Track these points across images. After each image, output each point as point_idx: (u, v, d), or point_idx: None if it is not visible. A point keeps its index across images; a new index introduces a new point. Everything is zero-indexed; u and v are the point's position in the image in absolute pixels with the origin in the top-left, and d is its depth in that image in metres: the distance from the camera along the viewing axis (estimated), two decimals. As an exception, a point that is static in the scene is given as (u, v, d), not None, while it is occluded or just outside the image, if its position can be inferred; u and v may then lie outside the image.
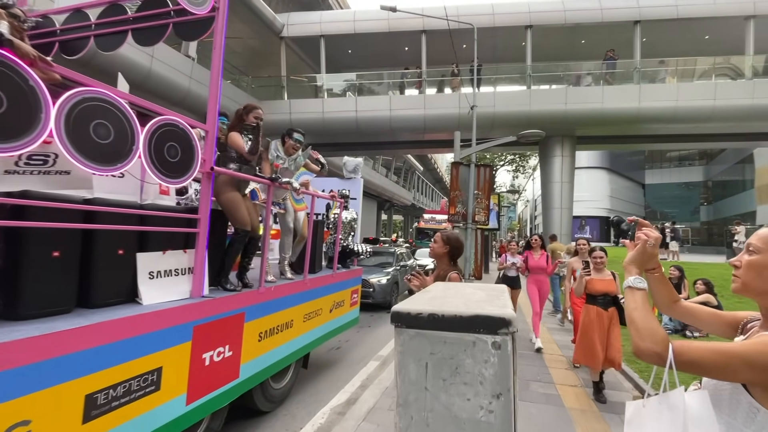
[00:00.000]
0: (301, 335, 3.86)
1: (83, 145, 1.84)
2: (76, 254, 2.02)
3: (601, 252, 4.23)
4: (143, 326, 2.07)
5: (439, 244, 2.64)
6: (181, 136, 2.38)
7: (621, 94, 13.14)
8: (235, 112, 3.14)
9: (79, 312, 2.02)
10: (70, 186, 2.10)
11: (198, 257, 2.57)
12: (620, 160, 41.45)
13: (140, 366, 2.05)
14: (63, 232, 1.94)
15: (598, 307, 3.99)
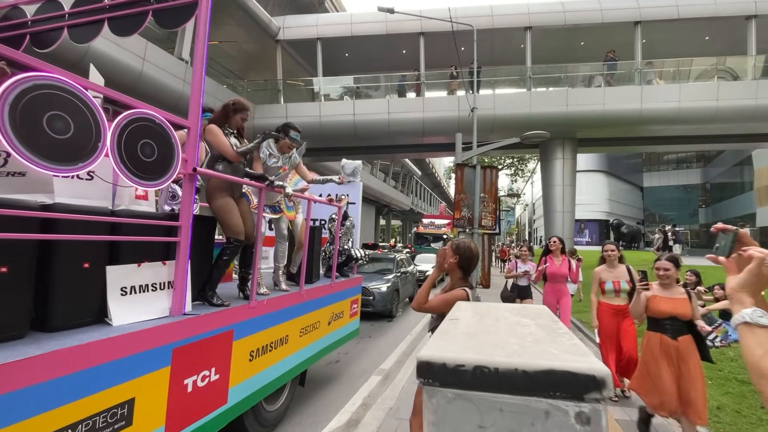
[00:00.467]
0: (298, 351, 3.55)
1: (34, 141, 1.55)
2: (29, 269, 1.72)
3: (669, 264, 3.10)
4: (111, 352, 1.78)
5: (448, 254, 2.35)
6: (158, 132, 2.09)
7: (623, 96, 12.96)
8: (222, 106, 2.87)
9: (33, 337, 1.72)
10: (25, 190, 1.81)
11: (179, 269, 2.27)
12: (618, 163, 41.45)
13: (107, 399, 1.75)
14: (14, 244, 1.64)
15: (664, 334, 3.02)
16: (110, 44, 8.96)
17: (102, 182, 2.14)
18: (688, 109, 12.55)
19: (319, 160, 16.92)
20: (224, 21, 14.06)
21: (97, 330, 1.88)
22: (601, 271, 4.07)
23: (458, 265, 2.34)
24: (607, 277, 4.01)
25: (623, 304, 3.88)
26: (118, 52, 9.09)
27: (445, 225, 20.76)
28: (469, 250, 2.35)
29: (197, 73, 2.38)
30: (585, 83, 14.11)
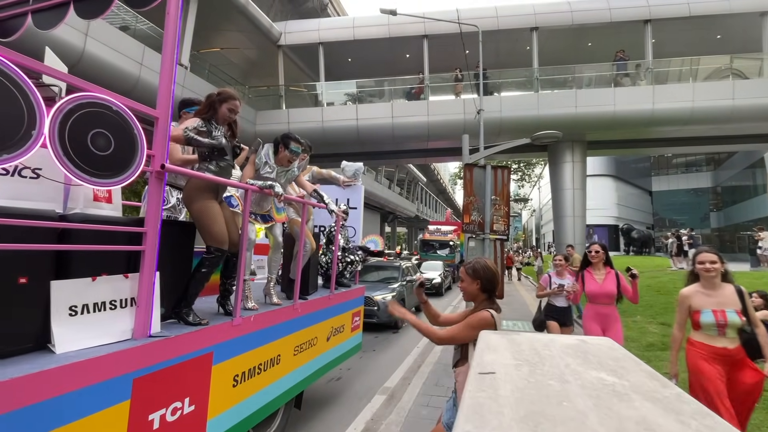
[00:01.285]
0: (292, 372, 3.18)
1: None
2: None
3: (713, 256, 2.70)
4: (48, 387, 1.43)
5: (467, 282, 2.10)
6: (115, 122, 1.76)
7: (634, 96, 12.57)
8: (206, 98, 2.54)
9: (-55, 372, 1.37)
10: (-58, 188, 1.48)
11: (143, 284, 1.93)
12: (626, 167, 40.87)
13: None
14: None
15: None
16: (107, 49, 8.78)
17: (51, 181, 1.81)
18: (702, 109, 12.12)
19: (322, 167, 16.64)
20: (225, 27, 13.95)
21: (32, 360, 1.54)
22: (692, 294, 2.79)
23: (481, 290, 2.07)
24: (703, 303, 2.70)
25: (733, 347, 2.58)
26: (115, 57, 8.91)
27: (451, 231, 20.34)
28: (489, 269, 2.08)
29: (167, 56, 2.06)
30: (591, 85, 13.73)
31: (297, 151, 3.01)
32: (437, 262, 16.17)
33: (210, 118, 2.49)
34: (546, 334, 0.86)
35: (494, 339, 0.82)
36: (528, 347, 0.76)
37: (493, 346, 0.76)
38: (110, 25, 9.13)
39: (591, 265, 3.95)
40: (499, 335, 0.88)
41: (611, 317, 3.80)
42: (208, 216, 2.33)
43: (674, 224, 38.25)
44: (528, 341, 0.79)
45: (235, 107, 2.53)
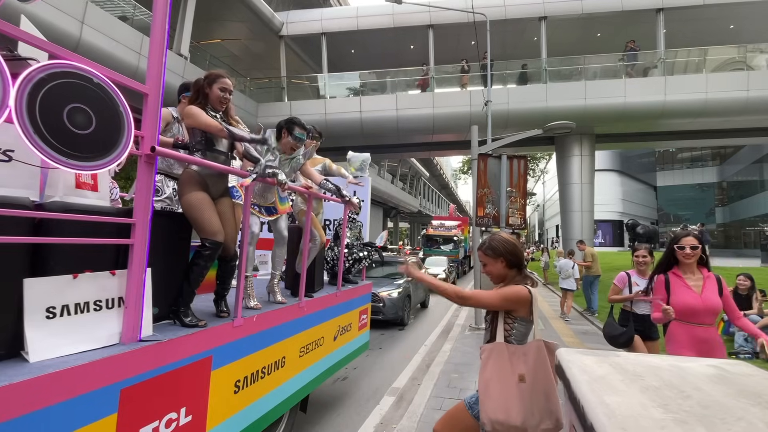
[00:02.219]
0: (297, 375, 2.97)
1: None
2: None
3: None
4: (21, 402, 1.22)
5: (490, 263, 1.90)
6: (97, 96, 1.53)
7: (645, 88, 12.24)
8: (193, 84, 2.32)
9: None
10: None
11: (132, 282, 1.71)
12: (631, 162, 40.52)
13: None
14: None
15: None
16: (105, 38, 8.53)
17: (25, 166, 1.59)
18: (715, 101, 11.79)
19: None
20: (226, 17, 13.65)
21: (1, 370, 1.32)
22: None
23: (508, 266, 1.88)
24: None
25: None
26: (113, 46, 8.66)
27: (455, 226, 20.10)
28: (509, 242, 1.90)
29: (158, 27, 1.82)
30: (598, 76, 13.37)
31: (301, 138, 2.77)
32: (441, 258, 15.96)
33: (203, 105, 2.26)
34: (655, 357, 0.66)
35: (591, 364, 0.61)
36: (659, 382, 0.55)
37: (599, 377, 0.55)
38: (107, 13, 8.87)
39: (678, 265, 2.70)
40: (594, 357, 0.66)
41: (713, 344, 2.57)
42: (196, 207, 2.12)
43: (679, 220, 37.93)
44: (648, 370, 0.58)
45: (226, 85, 2.30)
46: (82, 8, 7.98)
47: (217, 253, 2.16)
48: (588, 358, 0.69)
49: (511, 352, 1.80)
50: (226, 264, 2.34)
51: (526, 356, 1.78)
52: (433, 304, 10.86)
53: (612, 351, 0.85)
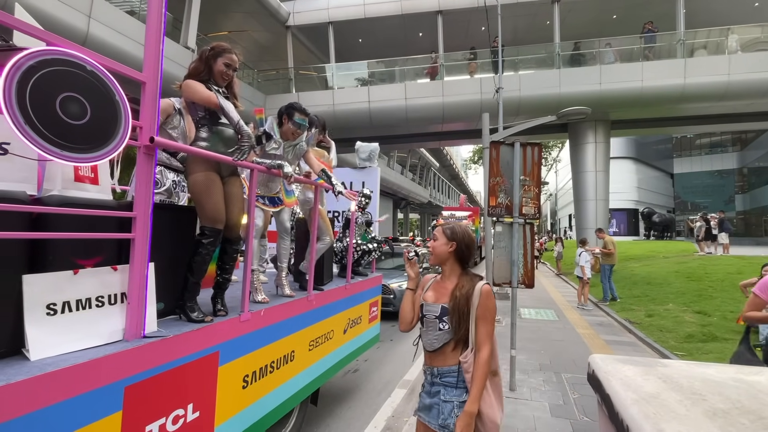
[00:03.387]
0: (307, 369, 2.94)
1: None
2: None
3: None
4: (17, 404, 1.19)
5: (441, 241, 1.84)
6: (91, 84, 1.46)
7: (663, 71, 11.78)
8: (199, 53, 2.24)
9: None
10: None
11: (134, 276, 1.66)
12: (647, 148, 39.44)
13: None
14: None
15: None
16: (112, 32, 8.53)
17: (22, 159, 1.54)
18: (738, 83, 11.29)
19: (334, 152, 16.32)
20: (233, 9, 13.54)
21: (1, 369, 1.29)
22: None
23: (455, 255, 1.82)
24: None
25: None
26: (120, 40, 8.66)
27: (466, 217, 19.89)
28: (468, 236, 1.86)
29: (154, 11, 1.75)
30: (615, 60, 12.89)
31: (302, 123, 2.70)
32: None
33: (207, 78, 2.18)
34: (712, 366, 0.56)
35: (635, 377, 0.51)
36: (727, 403, 0.45)
37: (650, 396, 0.46)
38: (115, 7, 8.85)
39: None
40: (641, 369, 0.57)
41: None
42: (201, 190, 2.05)
43: (697, 208, 36.93)
44: (706, 385, 0.49)
45: (231, 61, 2.21)
46: (89, 2, 7.96)
47: (218, 241, 2.11)
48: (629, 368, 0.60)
49: None
50: (229, 245, 2.24)
51: None
52: (445, 295, 10.78)
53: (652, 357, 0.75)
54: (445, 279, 1.86)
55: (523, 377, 4.32)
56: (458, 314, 1.71)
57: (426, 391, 1.83)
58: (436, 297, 1.82)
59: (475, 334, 1.71)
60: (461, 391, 1.70)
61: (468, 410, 1.62)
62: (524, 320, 7.16)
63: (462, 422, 1.61)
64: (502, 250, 4.02)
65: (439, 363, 1.77)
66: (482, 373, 1.65)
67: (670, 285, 8.92)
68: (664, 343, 5.35)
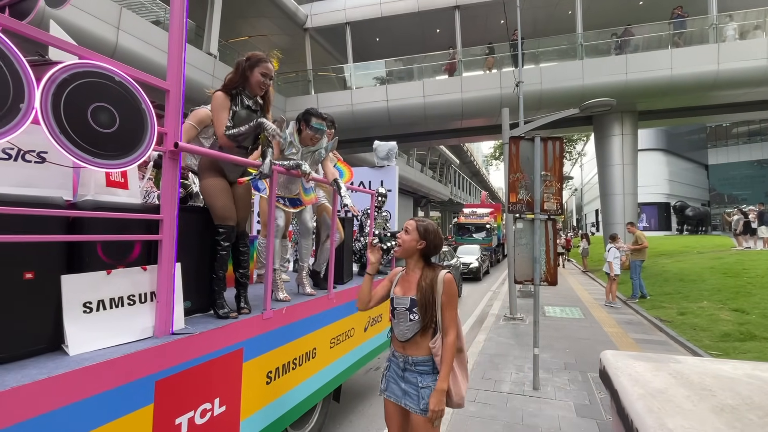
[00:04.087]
0: (329, 366, 2.99)
1: None
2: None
3: None
4: (59, 396, 1.27)
5: (412, 237, 1.94)
6: (119, 94, 1.54)
7: (694, 57, 11.23)
8: (234, 65, 2.29)
9: (-53, 379, 1.23)
10: (-67, 175, 1.32)
11: (162, 276, 1.74)
12: (678, 139, 37.66)
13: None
14: None
15: None
16: (140, 42, 8.87)
17: (58, 167, 1.64)
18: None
19: (352, 152, 16.41)
20: (252, 14, 13.83)
21: (41, 363, 1.38)
22: None
23: (422, 251, 1.95)
24: None
25: None
26: (147, 49, 9.00)
27: (487, 214, 19.63)
28: (438, 236, 1.98)
29: (176, 22, 1.82)
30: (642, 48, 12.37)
31: (320, 128, 2.73)
32: (474, 246, 15.66)
33: (242, 87, 2.24)
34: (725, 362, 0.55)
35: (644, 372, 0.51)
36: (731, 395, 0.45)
37: (656, 391, 0.45)
38: (141, 18, 9.21)
39: None
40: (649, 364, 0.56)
41: None
42: (210, 193, 2.17)
43: (734, 200, 35.08)
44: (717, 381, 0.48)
45: (267, 70, 2.26)
46: (117, 14, 8.32)
47: (232, 236, 2.21)
48: (640, 364, 0.59)
49: None
50: (237, 242, 2.33)
51: None
52: (466, 294, 10.69)
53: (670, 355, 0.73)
54: (409, 272, 1.99)
55: (547, 376, 4.24)
56: (425, 303, 1.85)
57: (398, 377, 1.97)
58: (404, 290, 1.96)
59: (441, 320, 1.87)
60: (436, 376, 1.87)
61: (439, 388, 1.81)
62: (548, 318, 7.02)
63: (435, 399, 1.80)
64: (524, 247, 3.96)
65: (413, 352, 1.91)
66: (450, 355, 1.83)
67: (704, 281, 8.52)
68: (698, 342, 5.12)
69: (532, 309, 4.06)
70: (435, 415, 1.80)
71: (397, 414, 2.00)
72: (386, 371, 2.06)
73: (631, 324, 6.59)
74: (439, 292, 1.86)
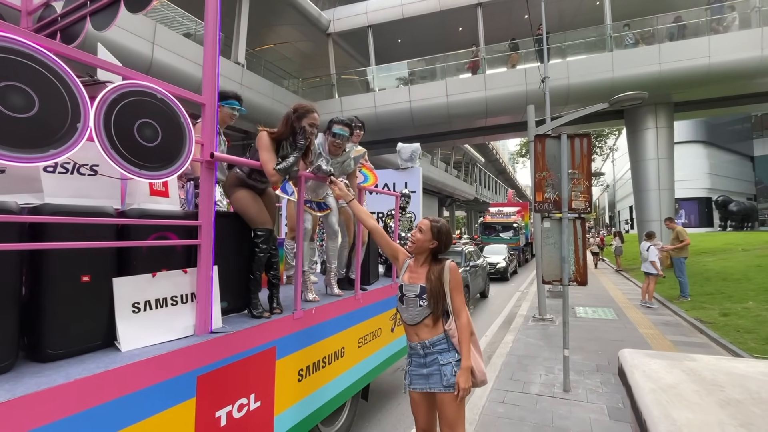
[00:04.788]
0: (357, 365, 3.07)
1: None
2: (11, 287, 1.38)
3: None
4: (113, 387, 1.39)
5: (426, 237, 2.09)
6: (161, 110, 1.67)
7: (735, 43, 10.61)
8: (283, 118, 2.37)
9: (19, 371, 1.38)
10: (5, 189, 1.48)
11: (201, 278, 1.86)
12: (720, 130, 35.52)
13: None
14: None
15: None
16: (174, 56, 9.32)
17: (108, 178, 1.79)
18: (831, 50, 9.89)
19: (377, 153, 16.52)
20: (276, 22, 14.21)
21: (98, 358, 1.52)
22: None
23: (433, 251, 2.11)
24: None
25: None
26: (181, 62, 9.44)
27: (514, 213, 19.27)
28: (450, 237, 2.13)
29: (209, 39, 1.94)
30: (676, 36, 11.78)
31: (342, 134, 2.81)
32: (501, 246, 15.41)
33: (289, 137, 2.34)
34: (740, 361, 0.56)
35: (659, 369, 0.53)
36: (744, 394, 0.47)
37: (668, 386, 0.48)
38: (174, 32, 9.67)
39: None
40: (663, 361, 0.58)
41: None
42: (243, 203, 2.30)
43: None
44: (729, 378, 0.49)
45: (314, 120, 2.37)
46: (152, 30, 8.78)
47: (270, 238, 2.31)
48: (656, 362, 0.60)
49: None
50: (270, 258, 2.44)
51: None
52: (494, 294, 10.54)
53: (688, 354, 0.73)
54: (418, 264, 2.14)
55: (579, 378, 4.15)
56: (435, 295, 2.02)
57: (420, 365, 2.09)
58: (413, 279, 2.12)
59: (452, 304, 2.04)
60: (454, 352, 2.02)
61: (464, 366, 1.97)
62: (579, 319, 6.83)
63: (463, 377, 1.96)
64: (551, 247, 3.90)
65: (427, 335, 2.05)
66: (467, 334, 2.01)
67: (750, 281, 8.04)
68: (742, 344, 4.85)
69: (562, 309, 3.99)
70: (464, 392, 1.95)
71: (423, 402, 2.12)
72: (408, 367, 2.17)
73: (669, 326, 6.31)
74: (447, 279, 2.04)
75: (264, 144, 2.25)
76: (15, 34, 1.26)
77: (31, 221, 1.46)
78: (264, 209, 2.34)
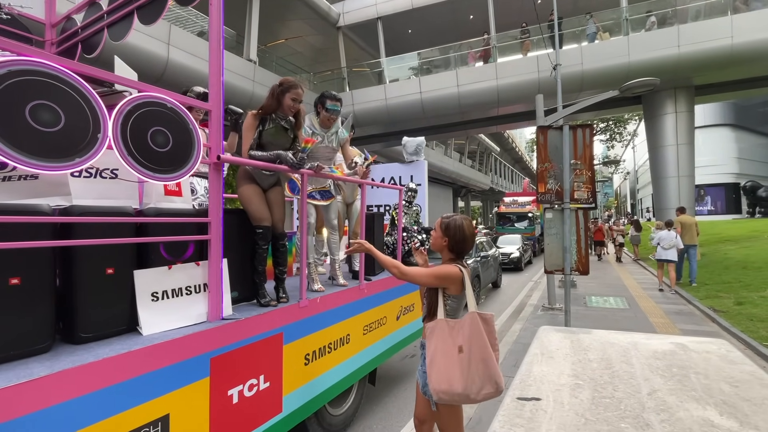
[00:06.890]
0: (362, 351, 3.24)
1: (17, 136, 1.36)
2: (47, 279, 1.59)
3: None
4: (136, 366, 1.59)
5: (438, 234, 2.10)
6: (171, 118, 1.84)
7: (760, 22, 10.17)
8: (269, 90, 2.57)
9: (56, 351, 1.59)
10: (39, 194, 1.68)
11: (212, 270, 2.04)
12: (748, 112, 33.91)
13: (135, 418, 1.57)
14: (25, 253, 1.51)
15: None
16: (188, 56, 9.58)
17: (127, 181, 1.98)
18: None
19: (388, 145, 16.59)
20: (286, 17, 14.34)
21: (122, 341, 1.72)
22: None
23: (448, 248, 2.07)
24: None
25: None
26: (195, 62, 9.70)
27: (529, 202, 19.07)
28: (461, 230, 2.03)
29: (214, 49, 2.10)
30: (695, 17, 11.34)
31: (335, 109, 3.00)
32: (515, 236, 15.33)
33: (275, 111, 2.51)
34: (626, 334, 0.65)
35: (554, 340, 0.65)
36: (598, 355, 0.58)
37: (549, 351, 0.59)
38: (188, 32, 9.92)
39: None
40: (563, 334, 0.70)
41: None
42: (246, 199, 2.44)
43: (819, 177, 31.19)
44: (600, 345, 0.60)
45: (297, 96, 2.54)
46: (167, 31, 9.05)
47: (269, 235, 2.46)
48: (557, 335, 0.71)
49: (450, 327, 1.92)
50: (276, 241, 2.59)
51: (462, 329, 1.90)
52: (506, 284, 10.58)
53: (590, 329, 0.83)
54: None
55: (583, 365, 4.22)
56: (429, 294, 2.05)
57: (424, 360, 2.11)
58: None
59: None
60: (423, 360, 2.05)
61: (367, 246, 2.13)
62: (590, 308, 6.84)
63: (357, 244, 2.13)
64: (554, 237, 3.96)
65: (424, 335, 2.08)
66: (387, 259, 2.08)
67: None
68: (753, 333, 4.81)
69: (570, 299, 4.06)
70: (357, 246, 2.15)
71: (420, 393, 2.22)
72: None
73: (681, 314, 6.27)
74: None
75: (247, 125, 2.44)
76: (42, 58, 1.44)
77: (61, 221, 1.66)
78: (264, 206, 2.46)
